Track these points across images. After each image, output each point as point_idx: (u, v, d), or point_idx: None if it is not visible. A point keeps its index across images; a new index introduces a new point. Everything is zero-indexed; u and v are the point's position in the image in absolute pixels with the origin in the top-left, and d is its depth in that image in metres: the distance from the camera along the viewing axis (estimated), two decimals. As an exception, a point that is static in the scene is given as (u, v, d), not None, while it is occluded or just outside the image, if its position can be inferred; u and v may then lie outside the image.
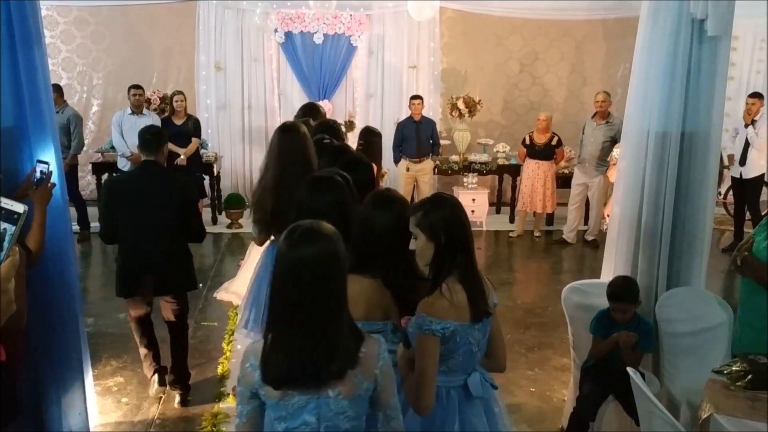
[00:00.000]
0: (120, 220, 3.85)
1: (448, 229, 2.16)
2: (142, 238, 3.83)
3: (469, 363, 2.28)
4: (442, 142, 8.60)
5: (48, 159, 3.01)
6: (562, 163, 8.24)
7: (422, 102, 8.15)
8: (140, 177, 3.95)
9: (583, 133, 7.65)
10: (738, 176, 7.60)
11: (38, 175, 2.90)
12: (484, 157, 8.58)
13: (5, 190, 2.79)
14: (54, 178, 2.99)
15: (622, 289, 3.42)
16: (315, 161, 3.56)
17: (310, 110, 5.32)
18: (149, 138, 3.90)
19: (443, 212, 2.18)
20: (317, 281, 1.77)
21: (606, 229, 5.52)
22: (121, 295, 4.03)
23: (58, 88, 7.30)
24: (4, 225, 1.15)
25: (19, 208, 1.16)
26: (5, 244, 1.15)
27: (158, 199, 3.82)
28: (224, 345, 4.96)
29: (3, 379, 2.37)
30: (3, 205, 1.16)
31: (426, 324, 2.12)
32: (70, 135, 7.22)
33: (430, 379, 2.14)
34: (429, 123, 8.25)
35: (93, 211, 7.36)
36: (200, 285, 6.19)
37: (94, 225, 5.83)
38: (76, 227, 6.97)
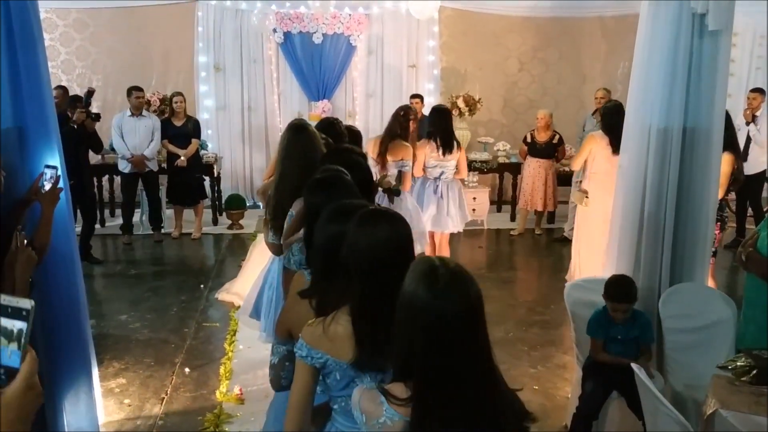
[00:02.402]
0: None
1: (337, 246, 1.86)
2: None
3: None
4: (442, 140, 8.59)
5: (52, 161, 3.00)
6: (563, 161, 8.23)
7: (422, 101, 8.15)
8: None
9: (584, 130, 7.64)
10: (739, 172, 7.59)
11: (47, 178, 2.88)
12: (484, 156, 8.57)
13: (6, 192, 2.79)
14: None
15: (622, 289, 3.37)
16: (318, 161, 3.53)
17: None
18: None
19: (356, 231, 1.83)
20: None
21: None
22: None
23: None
24: (19, 324, 1.12)
25: (25, 304, 1.11)
26: (23, 341, 1.12)
27: (71, 139, 5.74)
28: (226, 346, 4.94)
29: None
30: (6, 303, 1.11)
31: (298, 346, 1.89)
32: None
33: (293, 407, 1.88)
34: (429, 122, 8.23)
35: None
36: (201, 286, 6.25)
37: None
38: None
